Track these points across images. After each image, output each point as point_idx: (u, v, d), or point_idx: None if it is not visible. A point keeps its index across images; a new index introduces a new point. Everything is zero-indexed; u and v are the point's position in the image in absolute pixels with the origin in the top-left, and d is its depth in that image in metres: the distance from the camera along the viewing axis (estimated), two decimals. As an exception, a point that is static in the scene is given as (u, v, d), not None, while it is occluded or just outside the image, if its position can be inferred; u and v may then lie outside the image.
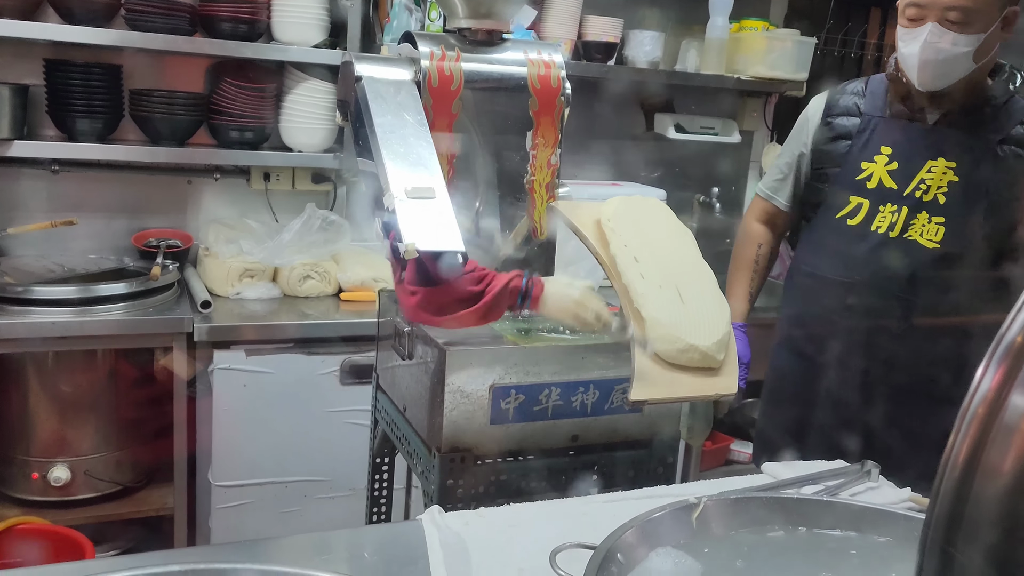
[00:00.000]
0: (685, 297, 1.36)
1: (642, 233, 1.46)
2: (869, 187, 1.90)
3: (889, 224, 1.87)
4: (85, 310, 2.26)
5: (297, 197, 2.88)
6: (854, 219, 1.92)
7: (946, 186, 1.83)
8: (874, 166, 1.90)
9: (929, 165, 1.85)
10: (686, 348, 1.30)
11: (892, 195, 1.88)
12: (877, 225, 1.89)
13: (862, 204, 1.91)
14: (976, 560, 0.50)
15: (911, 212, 1.85)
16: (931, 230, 1.84)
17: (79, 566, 1.14)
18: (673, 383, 1.30)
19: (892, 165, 1.88)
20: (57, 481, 2.37)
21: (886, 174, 1.89)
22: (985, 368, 0.52)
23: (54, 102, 2.49)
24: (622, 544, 0.96)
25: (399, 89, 1.47)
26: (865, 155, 1.92)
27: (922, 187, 1.85)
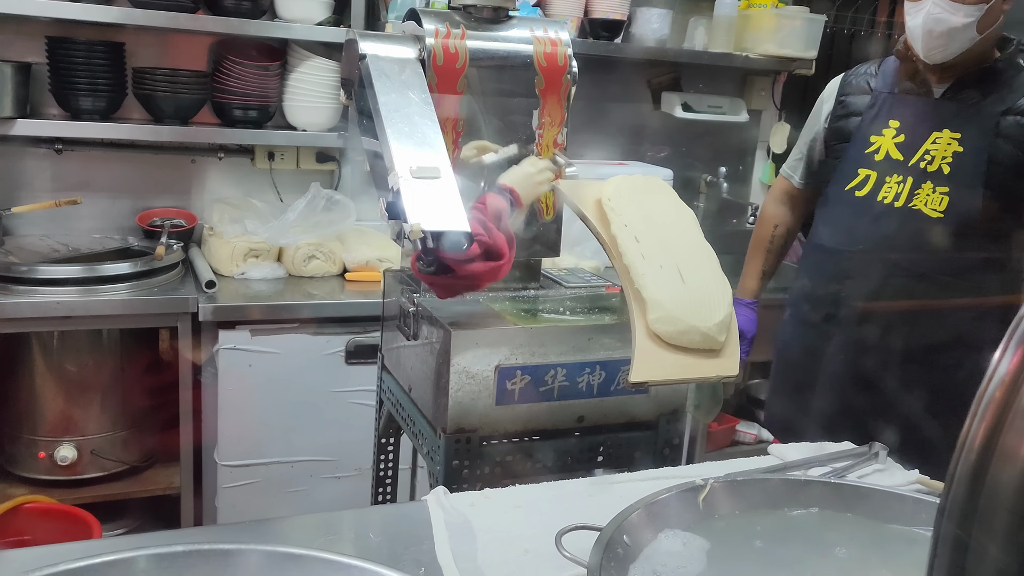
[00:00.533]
0: (686, 277, 1.35)
1: (643, 213, 1.45)
2: (877, 159, 1.93)
3: (895, 194, 1.90)
4: (90, 290, 2.26)
5: (301, 176, 2.86)
6: (861, 191, 1.95)
7: (950, 156, 1.85)
8: (882, 139, 1.94)
9: (934, 136, 1.88)
10: (687, 329, 1.28)
11: (898, 166, 1.90)
12: (883, 195, 1.91)
13: (870, 176, 1.94)
14: (991, 545, 0.49)
15: (916, 182, 1.88)
16: (935, 199, 1.86)
17: (86, 545, 1.15)
18: (674, 364, 1.29)
19: (899, 138, 1.91)
20: (64, 460, 2.38)
21: (893, 146, 1.92)
22: (1003, 351, 0.51)
23: (57, 80, 2.47)
24: (628, 526, 0.96)
25: (404, 67, 1.45)
26: (874, 129, 1.96)
27: (927, 158, 1.87)
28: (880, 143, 1.94)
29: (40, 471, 2.41)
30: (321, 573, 0.82)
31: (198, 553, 0.82)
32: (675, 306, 1.30)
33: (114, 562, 0.79)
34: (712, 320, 1.30)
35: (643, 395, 1.50)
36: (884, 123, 1.94)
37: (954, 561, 0.51)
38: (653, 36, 3.05)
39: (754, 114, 3.45)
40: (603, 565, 0.87)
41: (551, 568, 1.00)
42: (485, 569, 1.03)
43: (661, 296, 1.31)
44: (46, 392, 2.40)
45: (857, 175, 1.96)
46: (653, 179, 1.58)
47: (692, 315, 1.29)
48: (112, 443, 2.47)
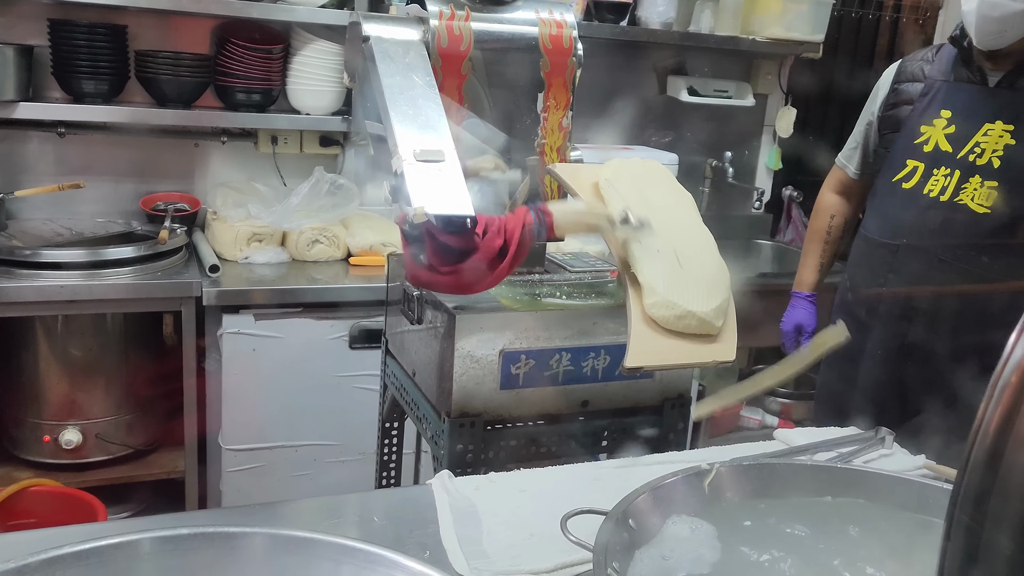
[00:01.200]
0: (684, 262, 1.33)
1: (641, 196, 1.43)
2: (926, 151, 1.89)
3: (941, 187, 1.86)
4: (93, 274, 2.26)
5: (305, 160, 2.85)
6: (909, 182, 1.91)
7: (1001, 149, 1.80)
8: (932, 129, 1.89)
9: (986, 128, 1.82)
10: (683, 314, 1.27)
11: (946, 158, 1.86)
12: (929, 188, 1.87)
13: (917, 167, 1.90)
14: (1005, 531, 0.48)
15: (963, 176, 1.83)
16: (983, 194, 1.82)
17: (91, 528, 1.15)
18: (669, 350, 1.27)
19: (950, 128, 1.86)
20: (68, 444, 2.38)
21: (943, 137, 1.87)
22: (1019, 335, 0.50)
23: (59, 63, 2.46)
24: (633, 510, 0.95)
25: (408, 50, 1.44)
26: (925, 119, 1.91)
27: (976, 150, 1.82)
28: (930, 133, 1.89)
29: (45, 455, 2.42)
30: (325, 556, 0.81)
31: (203, 536, 0.81)
32: (671, 291, 1.28)
33: (119, 544, 0.79)
34: (709, 305, 1.28)
35: (648, 380, 1.49)
36: (936, 112, 1.89)
37: (968, 546, 0.51)
38: (659, 19, 3.03)
39: (760, 98, 3.43)
40: (608, 549, 0.86)
41: (556, 552, 0.99)
42: (490, 552, 1.02)
43: (657, 281, 1.29)
44: (50, 376, 2.40)
45: (905, 166, 1.92)
46: (651, 163, 1.56)
47: (689, 300, 1.28)
48: (117, 427, 2.47)
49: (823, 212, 2.24)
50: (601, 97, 3.17)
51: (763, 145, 3.57)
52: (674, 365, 1.33)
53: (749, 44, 3.13)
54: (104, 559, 0.77)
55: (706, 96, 3.21)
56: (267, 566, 0.82)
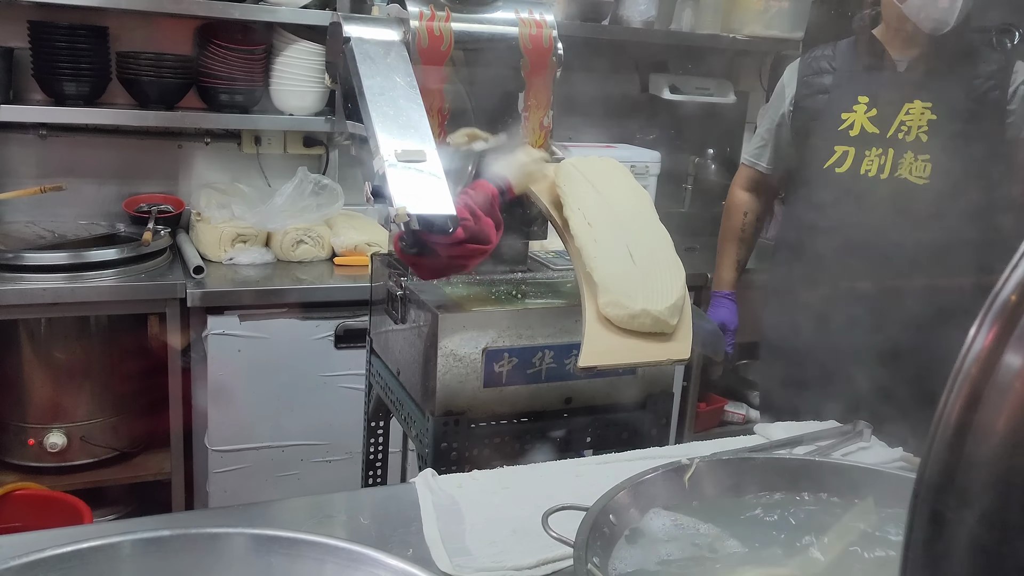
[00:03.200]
0: (638, 261, 1.34)
1: (596, 195, 1.44)
2: (852, 135, 1.97)
3: (878, 167, 1.94)
4: (76, 276, 2.25)
5: (289, 161, 2.85)
6: (842, 167, 1.98)
7: (926, 125, 1.91)
8: (854, 115, 1.97)
9: (907, 108, 1.93)
10: (637, 313, 1.27)
11: (875, 139, 1.95)
12: (866, 169, 1.96)
13: (848, 151, 1.98)
14: (968, 522, 0.49)
15: (897, 153, 1.93)
16: (919, 167, 1.92)
17: (73, 531, 1.15)
18: (624, 348, 1.27)
19: (872, 112, 1.96)
20: (53, 447, 2.38)
21: (867, 120, 1.96)
22: (979, 326, 0.51)
23: (40, 65, 2.45)
24: (614, 505, 0.96)
25: (388, 50, 1.44)
26: (844, 106, 1.99)
27: (903, 128, 1.92)
28: (852, 119, 1.97)
29: (30, 458, 2.41)
30: (309, 555, 0.82)
31: (185, 537, 0.82)
32: (626, 290, 1.29)
33: (100, 547, 0.79)
34: (664, 303, 1.29)
35: (631, 376, 1.50)
36: (853, 99, 1.98)
37: (931, 538, 0.52)
38: (640, 18, 3.04)
39: (742, 95, 3.45)
40: (589, 544, 0.87)
41: (538, 548, 1.00)
42: (472, 549, 1.03)
43: (611, 280, 1.30)
44: (34, 379, 2.40)
45: (834, 152, 1.99)
46: (608, 160, 1.57)
47: (643, 298, 1.28)
48: (102, 429, 2.47)
49: (736, 210, 2.32)
50: (583, 96, 3.17)
51: (745, 142, 3.58)
52: (629, 364, 1.33)
53: (730, 42, 3.15)
54: (86, 562, 0.78)
55: (688, 94, 3.23)
56: (250, 567, 0.83)
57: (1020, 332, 0.50)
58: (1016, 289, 0.52)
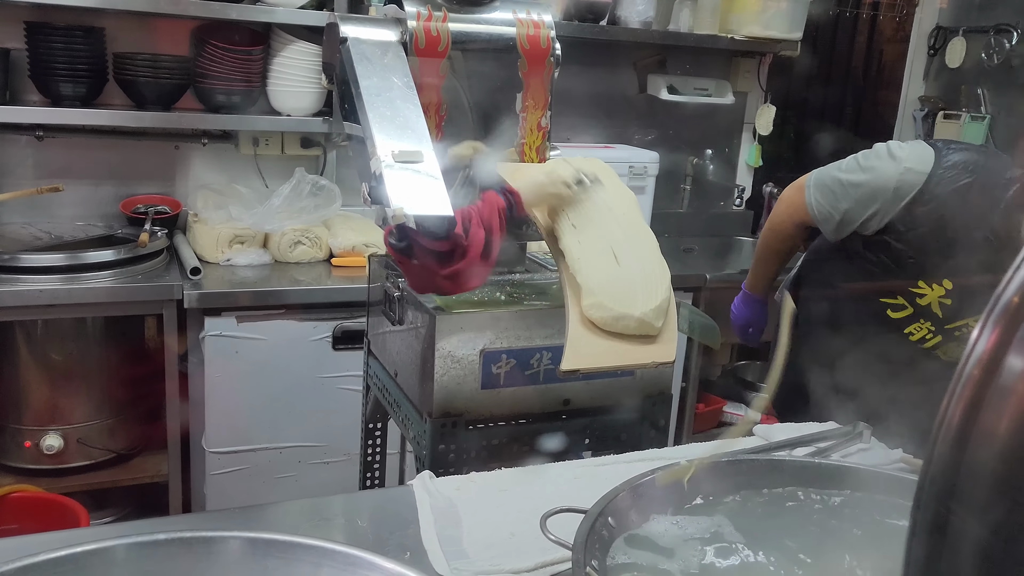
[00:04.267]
0: (623, 263, 1.33)
1: (583, 197, 1.43)
2: (919, 303, 1.81)
3: (922, 337, 1.86)
4: (73, 277, 2.24)
5: (286, 162, 2.85)
6: (895, 313, 1.86)
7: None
8: (930, 292, 1.79)
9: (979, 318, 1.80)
10: (621, 316, 1.26)
11: (936, 320, 1.82)
12: (911, 331, 1.86)
13: (906, 307, 1.85)
14: (970, 525, 0.49)
15: (946, 339, 1.84)
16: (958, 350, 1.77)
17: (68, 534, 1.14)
18: (607, 351, 1.26)
19: (947, 300, 1.79)
20: (50, 449, 2.37)
21: (937, 303, 1.80)
22: (981, 329, 0.51)
23: (36, 66, 2.44)
24: (613, 508, 0.96)
25: (385, 51, 1.44)
26: (926, 275, 1.77)
27: (963, 329, 1.81)
28: (927, 293, 1.79)
29: (26, 460, 2.40)
30: (305, 559, 0.82)
31: (180, 541, 0.81)
32: (610, 292, 1.27)
33: (95, 551, 0.79)
34: (648, 306, 1.28)
35: (629, 377, 1.50)
36: (940, 277, 1.75)
37: (933, 541, 0.51)
38: (638, 18, 3.04)
39: (740, 96, 3.45)
40: (588, 547, 0.87)
41: (536, 551, 1.00)
42: (470, 552, 1.03)
43: (595, 282, 1.28)
44: (31, 381, 2.39)
45: (895, 298, 1.83)
46: (593, 161, 1.55)
47: (627, 301, 1.27)
48: (99, 431, 2.46)
49: (786, 239, 2.06)
50: (582, 96, 3.17)
51: (743, 143, 3.59)
52: (612, 367, 1.31)
53: (728, 42, 3.15)
54: (80, 566, 0.77)
55: (686, 94, 3.23)
56: (246, 570, 0.82)
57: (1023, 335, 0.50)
58: (1019, 291, 0.51)
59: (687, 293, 2.85)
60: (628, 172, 3.00)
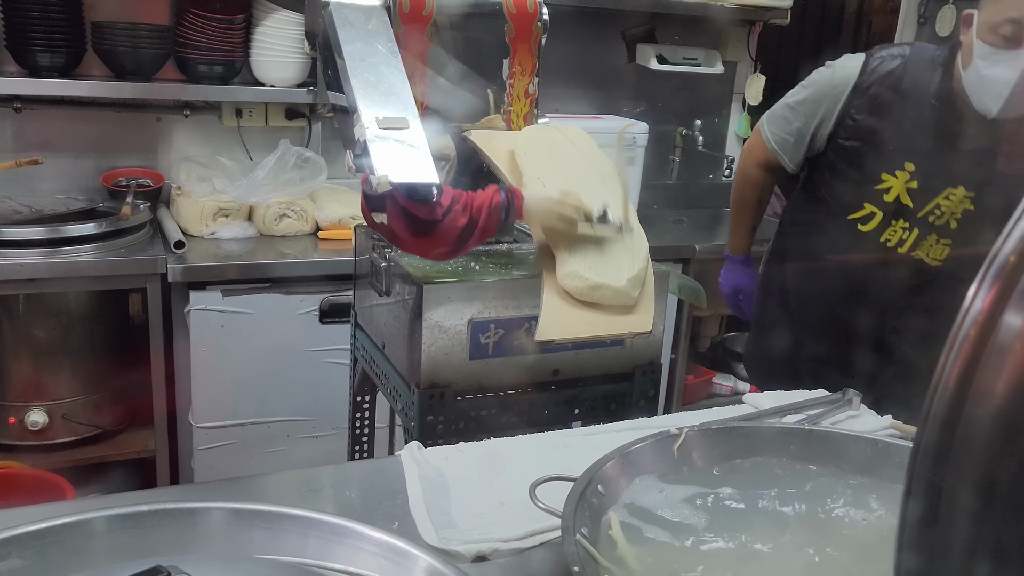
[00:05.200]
0: (599, 231, 1.32)
1: (558, 164, 1.40)
2: (886, 199, 1.83)
3: (899, 240, 1.86)
4: (55, 251, 2.21)
5: (271, 134, 2.81)
6: (865, 225, 1.88)
7: (960, 213, 1.81)
8: (895, 180, 1.82)
9: (947, 192, 1.79)
10: (597, 285, 1.24)
11: (906, 212, 1.83)
12: (887, 238, 1.87)
13: (875, 214, 1.86)
14: (965, 485, 0.48)
15: (922, 234, 1.84)
16: (937, 250, 1.84)
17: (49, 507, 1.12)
18: (583, 322, 1.25)
19: (912, 183, 1.81)
20: (34, 425, 2.35)
21: (905, 191, 1.82)
22: (977, 287, 0.49)
23: (12, 36, 2.39)
24: (602, 476, 0.95)
25: (369, 16, 1.40)
26: (888, 166, 1.81)
27: (936, 211, 1.82)
28: (892, 184, 1.82)
29: (11, 437, 2.38)
30: (290, 529, 0.80)
31: (164, 512, 0.80)
32: (585, 261, 1.26)
33: (77, 523, 0.77)
34: (625, 276, 1.26)
35: (618, 347, 1.49)
36: (900, 163, 1.79)
37: (928, 503, 0.50)
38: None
39: (729, 65, 3.42)
40: (577, 515, 0.86)
41: (526, 519, 0.99)
42: (459, 522, 1.02)
43: (571, 252, 1.27)
44: (14, 357, 2.36)
45: (863, 208, 1.86)
46: (571, 128, 1.53)
47: (603, 271, 1.25)
48: (84, 407, 2.44)
49: (752, 185, 2.12)
50: (570, 66, 3.14)
51: (732, 113, 3.57)
52: (588, 338, 1.30)
53: (717, 10, 3.12)
54: (61, 539, 0.76)
55: (675, 64, 3.20)
56: (231, 541, 0.81)
57: (1020, 292, 0.49)
58: (1015, 249, 0.50)
59: (676, 264, 2.84)
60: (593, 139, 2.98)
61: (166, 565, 0.66)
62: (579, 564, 0.78)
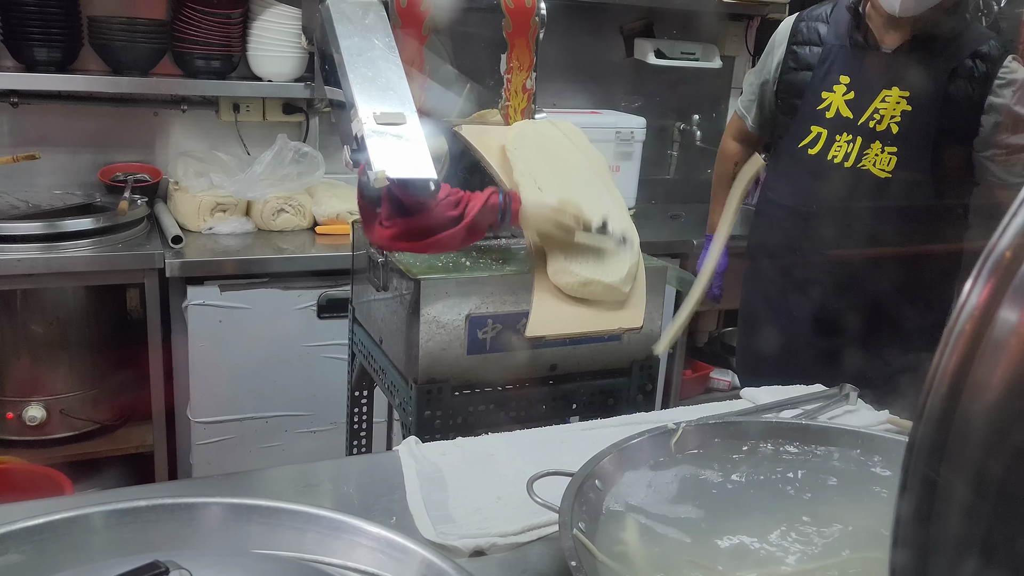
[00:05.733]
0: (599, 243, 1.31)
1: (548, 159, 1.40)
2: (828, 117, 1.92)
3: (844, 154, 1.90)
4: (52, 246, 2.20)
5: (268, 128, 2.80)
6: (813, 148, 1.94)
7: (899, 115, 1.85)
8: (833, 96, 1.91)
9: (883, 95, 1.86)
10: (588, 281, 1.24)
11: (848, 124, 1.90)
12: (833, 155, 1.91)
13: (821, 134, 1.93)
14: (960, 480, 0.48)
15: (865, 142, 1.88)
16: (883, 159, 1.87)
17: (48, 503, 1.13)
18: (573, 317, 1.25)
19: (849, 95, 1.89)
20: (32, 420, 2.35)
21: (843, 103, 1.90)
22: (973, 282, 0.49)
23: (9, 31, 2.39)
24: (600, 470, 0.95)
25: (366, 11, 1.40)
26: (825, 85, 1.93)
27: (876, 116, 1.87)
28: (831, 100, 1.91)
29: (9, 432, 2.38)
30: (288, 524, 0.80)
31: (161, 507, 0.80)
32: (576, 258, 1.25)
33: (75, 518, 0.77)
34: (615, 270, 1.26)
35: (616, 342, 1.49)
36: (835, 79, 1.91)
37: (923, 497, 0.51)
38: (625, -20, 3.00)
39: (727, 60, 3.42)
40: (574, 510, 0.86)
41: (523, 514, 0.99)
42: (456, 517, 1.02)
43: (562, 248, 1.26)
44: (11, 352, 2.36)
45: (809, 132, 1.95)
46: (562, 123, 1.53)
47: (594, 267, 1.25)
48: (82, 402, 2.44)
49: (727, 160, 2.28)
50: (568, 61, 3.13)
51: (730, 108, 3.56)
52: (579, 333, 1.30)
53: (715, 5, 3.11)
54: (59, 533, 0.76)
55: (673, 59, 3.20)
56: (229, 536, 0.81)
57: (1015, 287, 0.49)
58: (1010, 244, 0.50)
59: (674, 259, 2.84)
60: (615, 138, 2.98)
61: (164, 560, 0.66)
62: (576, 559, 0.78)
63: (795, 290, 2.04)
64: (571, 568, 0.77)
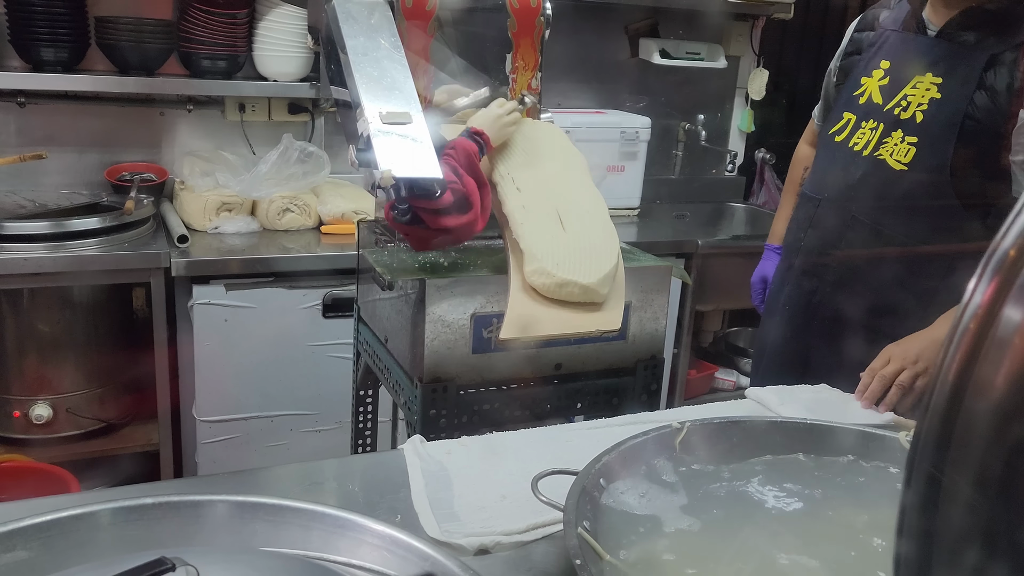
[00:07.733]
0: (569, 229, 1.30)
1: (529, 161, 1.40)
2: (860, 102, 1.81)
3: (865, 142, 1.78)
4: (58, 246, 2.21)
5: (274, 128, 2.81)
6: (840, 135, 1.84)
7: (926, 103, 1.70)
8: (870, 80, 1.81)
9: (915, 80, 1.72)
10: (565, 282, 1.24)
11: (875, 111, 1.77)
12: (855, 142, 1.80)
13: (850, 120, 1.82)
14: (965, 478, 0.48)
15: (886, 130, 1.75)
16: (902, 150, 1.73)
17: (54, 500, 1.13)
18: (549, 319, 1.24)
19: (884, 80, 1.78)
20: (39, 419, 2.36)
21: (876, 89, 1.79)
22: (977, 281, 0.50)
23: (16, 31, 2.39)
24: (604, 469, 0.95)
25: (372, 11, 1.41)
26: (867, 70, 1.83)
27: (903, 103, 1.73)
28: (867, 85, 1.81)
29: (15, 430, 2.39)
30: (293, 522, 0.81)
31: (168, 505, 0.80)
32: (553, 258, 1.25)
33: (81, 516, 0.78)
34: (594, 273, 1.26)
35: (621, 342, 1.49)
36: (876, 63, 1.81)
37: (927, 496, 0.51)
38: (630, -20, 3.00)
39: (732, 60, 3.41)
40: (579, 508, 0.86)
41: (528, 513, 0.99)
42: (461, 515, 1.02)
43: (539, 247, 1.26)
44: (18, 350, 2.37)
45: (841, 118, 1.84)
46: (544, 125, 1.53)
47: (571, 268, 1.24)
48: (88, 401, 2.45)
49: (797, 164, 2.20)
50: (573, 61, 3.14)
51: (735, 108, 3.56)
52: (554, 336, 1.29)
53: (720, 5, 3.11)
54: (66, 530, 0.76)
55: (678, 59, 3.19)
56: (235, 534, 0.81)
57: (1020, 286, 0.49)
58: (1015, 243, 0.50)
59: (679, 259, 2.84)
60: (620, 137, 2.98)
61: (170, 557, 0.67)
62: (581, 557, 0.78)
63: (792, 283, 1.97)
64: (576, 567, 0.77)
